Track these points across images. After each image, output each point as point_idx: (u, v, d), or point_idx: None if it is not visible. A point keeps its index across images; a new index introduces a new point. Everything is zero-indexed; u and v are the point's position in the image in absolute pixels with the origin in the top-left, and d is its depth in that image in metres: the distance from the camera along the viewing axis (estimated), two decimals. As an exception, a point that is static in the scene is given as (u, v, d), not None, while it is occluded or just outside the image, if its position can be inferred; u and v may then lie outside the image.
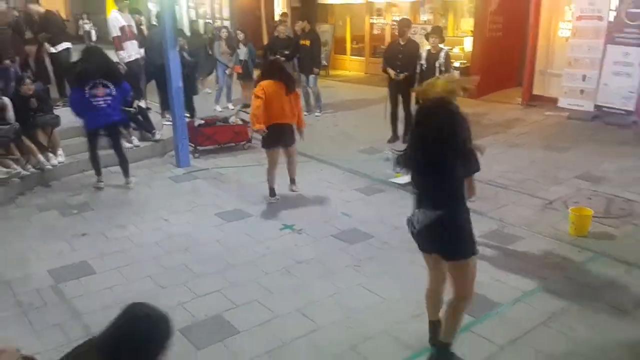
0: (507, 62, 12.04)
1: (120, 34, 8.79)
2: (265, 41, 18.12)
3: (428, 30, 13.07)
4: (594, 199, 6.17)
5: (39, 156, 6.95)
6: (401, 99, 8.52)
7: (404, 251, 4.89)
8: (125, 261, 5.01)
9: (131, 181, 6.90)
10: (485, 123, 9.64)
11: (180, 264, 4.93)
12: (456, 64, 11.44)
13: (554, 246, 5.10)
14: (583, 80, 9.54)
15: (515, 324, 3.91)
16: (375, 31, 15.48)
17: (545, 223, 5.60)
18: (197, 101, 10.18)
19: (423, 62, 7.89)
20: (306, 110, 10.54)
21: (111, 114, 6.55)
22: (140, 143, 8.15)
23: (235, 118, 8.78)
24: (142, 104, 8.69)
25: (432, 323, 3.55)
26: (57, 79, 9.44)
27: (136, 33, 9.36)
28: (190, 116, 9.03)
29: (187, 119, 8.26)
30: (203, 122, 8.58)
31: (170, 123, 8.14)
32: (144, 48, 9.39)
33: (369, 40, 15.61)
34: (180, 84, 7.42)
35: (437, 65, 7.74)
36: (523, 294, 4.26)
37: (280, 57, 10.07)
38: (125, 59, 8.83)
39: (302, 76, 10.59)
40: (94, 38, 21.42)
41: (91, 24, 21.58)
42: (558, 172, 7.03)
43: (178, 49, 7.46)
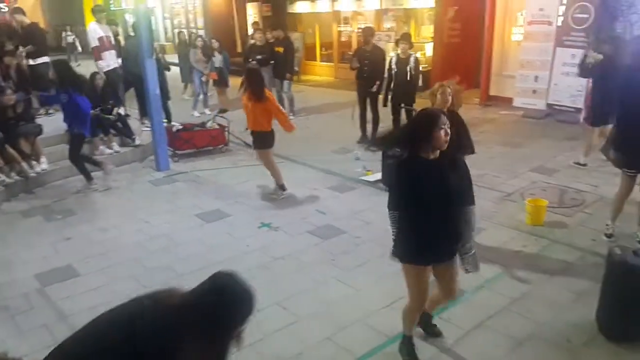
0: (465, 66, 12.16)
1: (99, 45, 8.68)
2: (239, 49, 18.04)
3: (392, 37, 13.32)
4: (549, 191, 6.28)
5: (23, 164, 6.78)
6: (369, 102, 8.55)
7: (376, 245, 4.91)
8: (108, 263, 4.91)
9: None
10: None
11: (162, 264, 4.85)
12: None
13: (513, 235, 5.18)
14: (535, 80, 9.73)
15: (480, 309, 3.95)
16: (343, 38, 15.51)
17: (504, 214, 5.68)
18: (176, 107, 10.06)
19: (394, 67, 7.94)
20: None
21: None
22: (120, 149, 8.01)
23: (212, 123, 8.68)
24: (122, 111, 8.54)
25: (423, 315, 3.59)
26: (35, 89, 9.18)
27: (114, 43, 9.20)
28: (167, 120, 8.90)
29: (165, 124, 8.15)
30: (181, 127, 8.47)
31: (149, 129, 8.01)
32: (122, 57, 9.24)
33: (338, 46, 15.63)
34: (157, 91, 7.31)
35: (408, 69, 7.80)
36: (486, 281, 4.30)
37: (252, 63, 10.03)
38: (104, 69, 8.70)
39: (277, 81, 10.55)
40: (80, 49, 20.91)
41: (74, 36, 21.05)
42: (515, 167, 7.14)
43: (154, 57, 7.35)
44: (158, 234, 5.49)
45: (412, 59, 7.84)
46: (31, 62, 8.89)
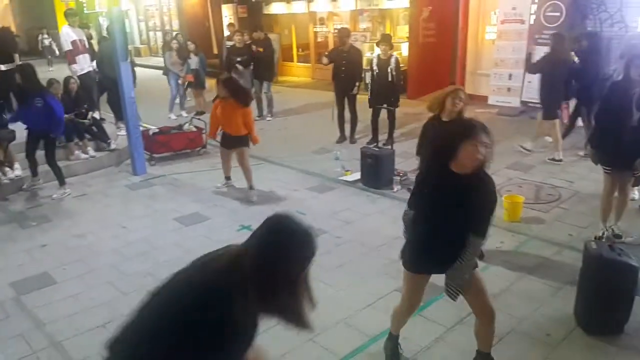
0: (440, 65, 12.29)
1: (72, 48, 8.52)
2: (215, 51, 17.89)
3: (368, 37, 13.36)
4: (525, 187, 6.36)
5: (-5, 170, 6.61)
6: (347, 102, 8.56)
7: (357, 244, 4.91)
8: (85, 269, 4.80)
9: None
10: (424, 121, 9.76)
11: (141, 270, 4.76)
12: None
13: (491, 232, 5.13)
14: (509, 78, 9.85)
15: (459, 306, 3.92)
16: (319, 39, 15.51)
17: (482, 211, 5.71)
18: (153, 110, 9.92)
19: (375, 68, 7.96)
20: (258, 115, 10.45)
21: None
22: (96, 153, 7.86)
23: (189, 125, 8.58)
24: (97, 115, 8.40)
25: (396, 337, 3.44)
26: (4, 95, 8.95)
27: (88, 47, 9.04)
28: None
29: (142, 128, 8.04)
30: (157, 131, 8.36)
31: (124, 133, 7.88)
32: (97, 61, 9.08)
33: (314, 47, 15.62)
34: (132, 94, 7.20)
35: (389, 70, 7.82)
36: (466, 278, 4.32)
37: (236, 65, 10.04)
38: (78, 72, 8.53)
39: (257, 82, 10.49)
40: (57, 52, 20.45)
41: (51, 39, 20.61)
42: (490, 163, 7.18)
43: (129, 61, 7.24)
44: (136, 239, 5.40)
45: (393, 60, 7.86)
46: (3, 68, 8.68)
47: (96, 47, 9.89)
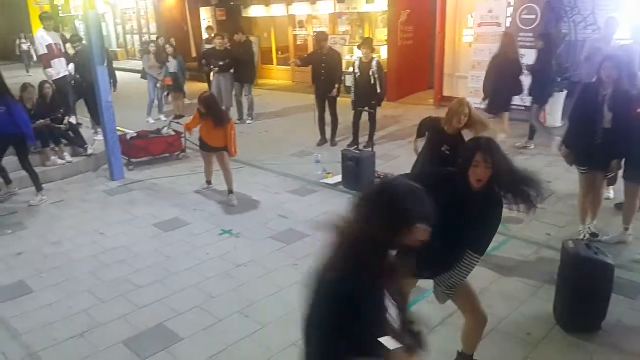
0: (419, 68, 12.40)
1: (47, 52, 8.36)
2: (194, 54, 17.75)
3: (347, 40, 13.40)
4: (503, 188, 6.41)
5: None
6: (328, 105, 8.57)
7: (338, 247, 4.88)
8: (62, 277, 4.71)
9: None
10: (404, 124, 9.87)
11: (119, 277, 4.68)
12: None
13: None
14: (487, 81, 9.92)
15: (442, 307, 3.95)
16: (299, 42, 15.50)
17: (462, 212, 5.76)
18: (131, 114, 9.79)
19: (357, 71, 7.97)
20: (238, 118, 10.40)
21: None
22: (73, 159, 7.72)
23: (168, 129, 8.49)
24: (73, 120, 8.25)
25: None
26: None
27: (64, 51, 8.88)
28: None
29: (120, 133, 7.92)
30: (135, 135, 8.25)
31: (102, 138, 7.77)
32: (75, 64, 8.93)
33: (294, 50, 15.59)
34: (110, 99, 7.10)
35: (371, 73, 7.84)
36: (447, 279, 4.34)
37: (214, 69, 10.02)
38: (53, 77, 8.38)
39: (237, 85, 10.43)
40: (35, 58, 20.06)
41: (29, 44, 20.20)
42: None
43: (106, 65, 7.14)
44: (114, 246, 5.31)
45: (375, 63, 7.89)
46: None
47: (70, 51, 9.72)
